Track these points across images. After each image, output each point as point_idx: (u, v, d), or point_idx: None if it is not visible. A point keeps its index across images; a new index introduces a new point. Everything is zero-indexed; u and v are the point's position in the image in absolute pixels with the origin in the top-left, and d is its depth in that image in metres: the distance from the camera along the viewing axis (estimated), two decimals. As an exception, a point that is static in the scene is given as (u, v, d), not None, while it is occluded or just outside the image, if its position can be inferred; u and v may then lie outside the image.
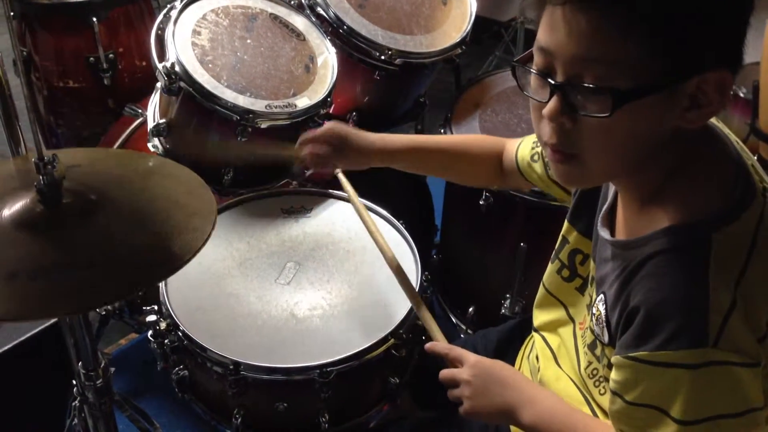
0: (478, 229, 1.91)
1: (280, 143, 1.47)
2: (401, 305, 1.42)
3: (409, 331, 1.41)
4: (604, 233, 0.98)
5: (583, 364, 1.06)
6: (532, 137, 1.26)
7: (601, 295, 0.97)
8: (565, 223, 1.14)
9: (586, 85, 0.81)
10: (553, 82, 0.84)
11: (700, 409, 0.82)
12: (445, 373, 1.11)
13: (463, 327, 2.00)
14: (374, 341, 1.35)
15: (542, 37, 0.84)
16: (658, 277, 0.85)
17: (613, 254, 0.95)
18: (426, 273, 1.51)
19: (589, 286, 1.07)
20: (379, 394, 1.47)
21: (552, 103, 0.84)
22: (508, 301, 1.83)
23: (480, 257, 1.96)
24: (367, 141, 1.38)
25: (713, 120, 0.90)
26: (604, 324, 0.95)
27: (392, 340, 1.37)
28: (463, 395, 1.08)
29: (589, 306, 1.05)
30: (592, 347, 1.02)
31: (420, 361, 1.49)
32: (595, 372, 1.03)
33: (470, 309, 1.96)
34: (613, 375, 0.90)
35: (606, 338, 0.96)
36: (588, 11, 0.78)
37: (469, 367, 1.09)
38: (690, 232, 0.85)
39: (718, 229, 0.83)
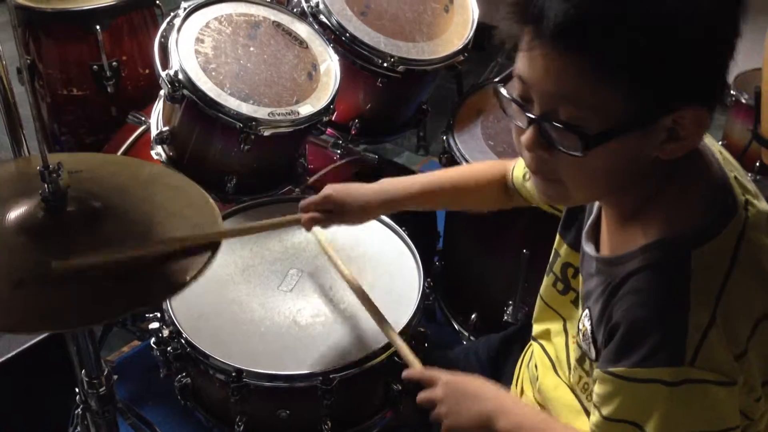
0: (481, 235, 1.91)
1: (280, 218, 1.43)
2: (403, 312, 1.42)
3: (412, 337, 1.41)
4: (589, 248, 0.99)
5: (574, 379, 1.07)
6: None
7: (587, 311, 0.97)
8: (557, 236, 1.14)
9: (559, 122, 0.81)
10: (529, 114, 0.84)
11: (675, 427, 0.83)
12: (421, 396, 1.12)
13: (466, 334, 2.00)
14: (376, 348, 1.35)
15: (521, 66, 0.84)
16: (638, 294, 0.85)
17: (598, 270, 0.95)
18: (428, 280, 1.51)
19: (579, 302, 1.06)
20: (382, 401, 1.47)
21: (529, 134, 0.85)
22: (510, 308, 1.83)
23: (483, 264, 1.96)
24: (366, 198, 1.34)
25: (710, 143, 0.91)
26: (591, 341, 0.96)
27: (394, 348, 1.37)
28: (441, 414, 1.09)
29: (580, 319, 1.05)
30: (580, 362, 1.02)
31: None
32: (586, 386, 1.03)
33: (473, 316, 1.96)
34: (596, 388, 0.90)
35: (593, 354, 0.96)
36: (565, 53, 0.78)
37: (441, 385, 1.10)
38: (670, 249, 0.85)
39: (697, 246, 0.83)
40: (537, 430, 1.01)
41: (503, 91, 0.90)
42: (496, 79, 0.93)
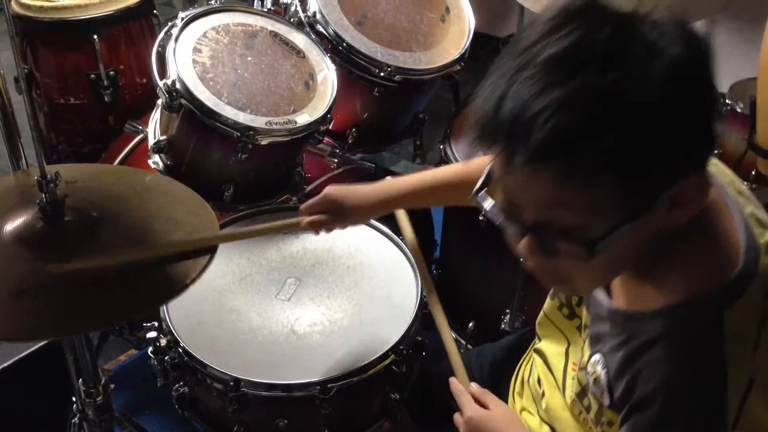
0: (478, 244, 1.92)
1: (281, 222, 1.44)
2: (402, 321, 1.42)
3: (410, 347, 1.41)
4: (601, 295, 0.94)
5: (574, 411, 1.03)
6: None
7: (598, 356, 0.93)
8: None
9: (557, 231, 0.77)
10: (524, 223, 0.80)
11: None
12: (456, 418, 1.12)
13: (463, 342, 2.00)
14: (374, 357, 1.35)
15: (502, 176, 0.78)
16: (671, 363, 0.81)
17: (612, 319, 0.91)
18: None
19: (582, 331, 1.04)
20: (380, 410, 1.46)
21: (526, 243, 0.81)
22: (508, 317, 1.83)
23: (480, 273, 1.97)
24: (364, 198, 1.34)
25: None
26: (606, 388, 0.91)
27: (392, 356, 1.37)
28: None
29: (583, 349, 1.02)
30: (580, 396, 0.99)
31: (419, 377, 1.49)
32: (585, 420, 1.00)
33: (470, 324, 1.96)
34: None
35: (606, 401, 0.92)
36: (543, 170, 0.73)
37: (464, 421, 1.09)
38: (698, 312, 0.81)
39: (728, 305, 0.80)
40: None
41: (487, 203, 0.85)
42: (476, 187, 0.87)
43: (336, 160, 2.08)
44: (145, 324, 1.45)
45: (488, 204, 0.85)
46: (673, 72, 0.71)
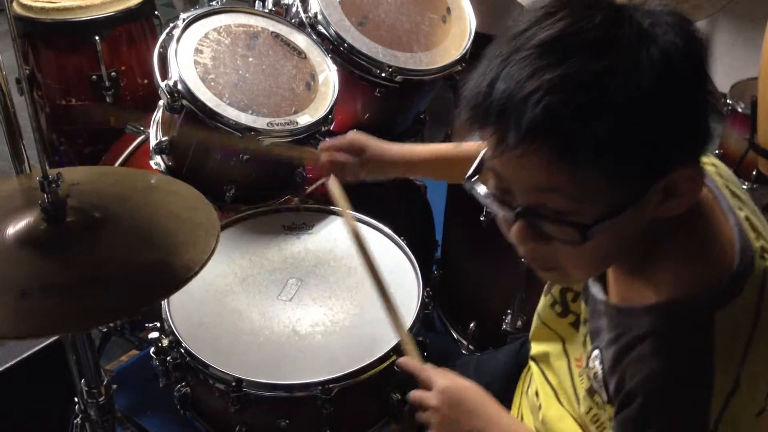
0: (479, 244, 1.92)
1: (299, 147, 1.45)
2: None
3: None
4: (596, 290, 0.94)
5: (583, 408, 1.01)
6: None
7: (597, 351, 0.93)
8: None
9: (550, 216, 0.77)
10: (514, 208, 0.80)
11: None
12: (414, 394, 1.09)
13: (465, 343, 2.00)
14: (376, 357, 1.35)
15: (493, 160, 0.78)
16: (655, 361, 0.80)
17: (607, 313, 0.91)
18: (427, 289, 1.51)
19: (582, 324, 1.03)
20: (381, 411, 1.47)
21: (518, 228, 0.81)
22: (509, 317, 1.83)
23: (481, 273, 1.97)
24: (389, 152, 1.38)
25: (704, 159, 0.84)
26: (602, 384, 0.91)
27: (394, 357, 1.37)
28: (431, 421, 1.06)
29: (585, 344, 1.02)
30: (591, 393, 0.98)
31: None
32: (596, 418, 0.98)
33: (471, 325, 1.96)
34: None
35: (604, 397, 0.92)
36: (535, 152, 0.73)
37: (437, 392, 1.06)
38: (687, 312, 0.81)
39: (721, 307, 0.79)
40: None
41: (480, 189, 0.84)
42: (469, 173, 0.87)
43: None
44: (147, 324, 1.46)
45: (480, 190, 0.85)
46: (665, 59, 0.72)
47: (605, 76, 0.70)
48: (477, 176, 0.86)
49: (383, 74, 1.86)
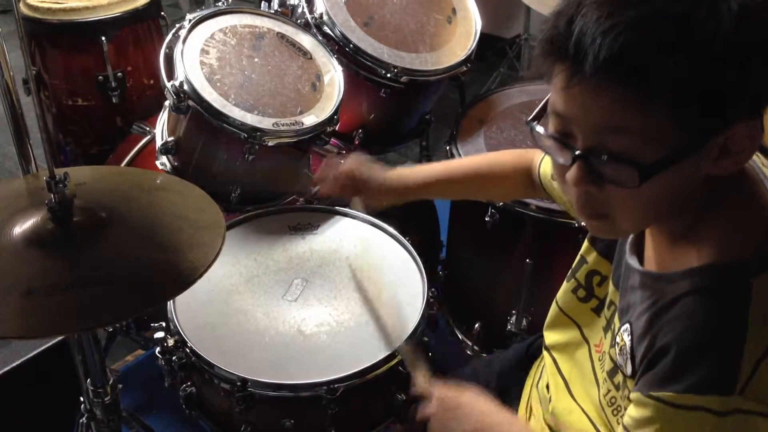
0: (484, 245, 1.92)
1: (299, 174, 1.46)
2: (407, 322, 1.42)
3: (416, 347, 1.41)
4: (633, 261, 0.95)
5: (602, 391, 1.02)
6: None
7: (627, 325, 0.93)
8: (585, 243, 1.11)
9: (610, 155, 0.78)
10: (574, 150, 0.81)
11: None
12: (420, 412, 1.13)
13: (469, 343, 2.00)
14: (381, 357, 1.35)
15: (557, 102, 0.81)
16: (693, 317, 0.82)
17: (642, 284, 0.92)
18: (432, 289, 1.51)
19: (605, 308, 1.05)
20: (386, 411, 1.47)
21: (575, 170, 0.82)
22: (514, 318, 1.83)
23: (486, 274, 1.97)
24: (386, 181, 1.37)
25: None
26: (629, 356, 0.92)
27: (399, 357, 1.37)
28: (434, 430, 1.09)
29: (606, 328, 1.03)
30: (611, 375, 0.99)
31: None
32: (613, 401, 1.00)
33: (476, 325, 1.96)
34: (631, 411, 0.87)
35: (629, 370, 0.92)
36: (610, 87, 0.75)
37: (434, 402, 1.10)
38: (727, 275, 0.82)
39: (759, 274, 0.80)
40: None
41: (540, 129, 0.86)
42: (532, 115, 0.88)
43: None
44: (152, 324, 1.46)
45: (540, 131, 0.86)
46: (744, 12, 0.73)
47: (686, 18, 0.72)
48: (538, 121, 0.87)
49: (388, 75, 1.86)
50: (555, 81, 0.80)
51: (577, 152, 0.81)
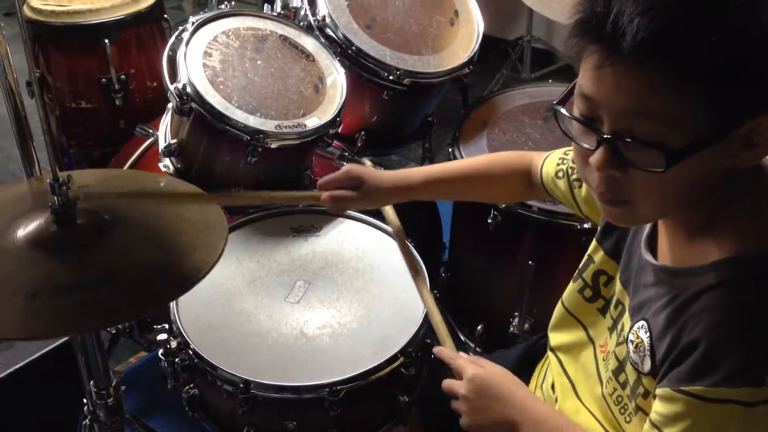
0: (487, 247, 1.92)
1: (302, 192, 1.47)
2: (410, 323, 1.42)
3: (418, 349, 1.41)
4: (648, 257, 0.95)
5: (607, 390, 1.03)
6: (559, 152, 1.25)
7: (643, 322, 0.93)
8: (593, 243, 1.11)
9: (638, 139, 0.78)
10: (600, 133, 0.81)
11: None
12: (446, 383, 1.10)
13: (472, 345, 2.00)
14: (383, 359, 1.35)
15: (586, 85, 0.81)
16: (720, 311, 0.82)
17: (658, 280, 0.92)
18: (434, 291, 1.51)
19: (611, 308, 1.05)
20: (389, 413, 1.47)
21: (600, 154, 0.82)
22: (516, 319, 1.83)
23: (488, 275, 1.97)
24: (385, 180, 1.38)
25: None
26: (647, 352, 0.92)
27: (401, 359, 1.37)
28: (462, 410, 1.07)
29: (611, 329, 1.03)
30: (616, 373, 0.99)
31: (428, 380, 1.49)
32: (619, 399, 1.00)
33: (479, 327, 1.96)
34: (658, 407, 0.87)
35: (646, 367, 0.92)
36: (641, 69, 0.75)
37: (466, 381, 1.07)
38: (752, 267, 0.82)
39: None
40: None
41: (564, 111, 0.86)
42: (558, 98, 0.90)
43: (345, 164, 2.08)
44: (155, 326, 1.46)
45: (566, 113, 0.86)
46: None
47: (725, 3, 0.73)
48: (563, 105, 0.88)
49: (391, 77, 1.87)
50: (585, 63, 0.81)
51: (605, 135, 0.81)
